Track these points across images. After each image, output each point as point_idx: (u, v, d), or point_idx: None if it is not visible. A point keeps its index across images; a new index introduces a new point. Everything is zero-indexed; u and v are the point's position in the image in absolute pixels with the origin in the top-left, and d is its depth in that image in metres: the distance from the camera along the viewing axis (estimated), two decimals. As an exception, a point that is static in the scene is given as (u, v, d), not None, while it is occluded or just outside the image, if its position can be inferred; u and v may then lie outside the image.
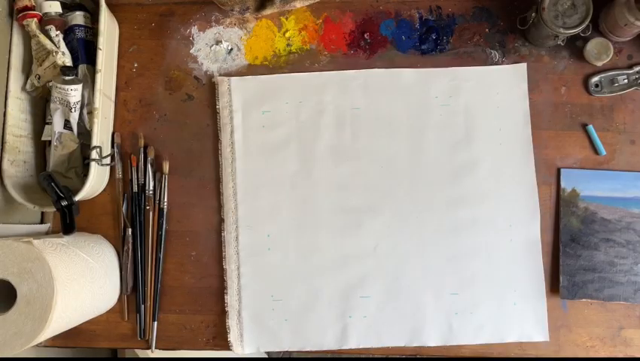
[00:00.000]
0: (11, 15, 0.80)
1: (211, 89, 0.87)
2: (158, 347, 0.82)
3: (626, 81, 0.83)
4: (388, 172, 0.83)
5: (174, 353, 0.91)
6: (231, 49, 0.87)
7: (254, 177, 0.83)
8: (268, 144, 0.84)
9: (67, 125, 0.82)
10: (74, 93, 0.78)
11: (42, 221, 0.85)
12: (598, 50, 0.82)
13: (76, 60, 0.82)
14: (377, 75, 0.85)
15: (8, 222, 0.79)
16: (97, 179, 0.80)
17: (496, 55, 0.85)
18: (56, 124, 0.81)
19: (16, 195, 0.77)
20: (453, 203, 0.82)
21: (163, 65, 0.87)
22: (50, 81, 0.80)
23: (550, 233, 0.82)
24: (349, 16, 0.88)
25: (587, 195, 0.81)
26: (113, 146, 0.85)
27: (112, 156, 0.84)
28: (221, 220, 0.83)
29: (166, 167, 0.84)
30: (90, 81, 0.81)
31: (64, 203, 0.74)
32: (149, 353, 0.84)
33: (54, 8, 0.81)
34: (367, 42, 0.87)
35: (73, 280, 0.69)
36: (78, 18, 0.83)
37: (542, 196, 0.82)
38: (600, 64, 0.83)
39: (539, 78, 0.84)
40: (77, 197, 0.76)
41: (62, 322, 0.68)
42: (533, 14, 0.79)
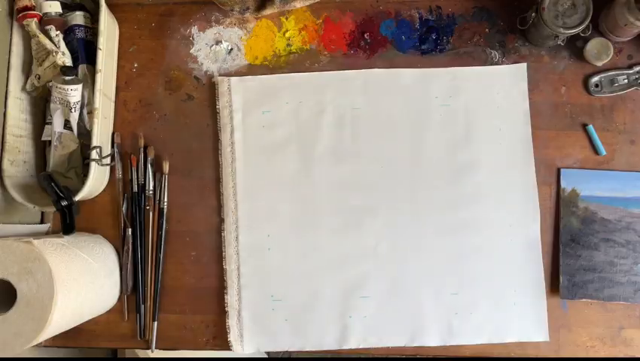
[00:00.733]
0: (11, 15, 0.80)
1: (211, 89, 0.87)
2: (158, 347, 0.82)
3: (626, 81, 0.83)
4: (388, 172, 0.83)
5: (174, 353, 0.91)
6: (231, 49, 0.87)
7: (254, 177, 0.83)
8: (268, 144, 0.84)
9: (67, 125, 0.82)
10: (74, 93, 0.78)
11: (42, 221, 0.85)
12: (598, 50, 0.82)
13: (76, 60, 0.82)
14: (377, 75, 0.85)
15: (8, 222, 0.79)
16: (97, 179, 0.80)
17: (496, 55, 0.85)
18: (56, 124, 0.81)
19: (16, 195, 0.77)
20: (453, 203, 0.82)
21: (163, 65, 0.87)
22: (50, 81, 0.80)
23: (550, 233, 0.82)
24: (349, 16, 0.88)
25: (587, 195, 0.81)
26: (113, 146, 0.85)
27: (112, 156, 0.84)
28: (221, 220, 0.83)
29: (166, 167, 0.84)
30: (90, 81, 0.81)
31: (64, 203, 0.74)
32: (149, 353, 0.84)
33: (54, 8, 0.81)
34: (367, 42, 0.86)
35: (73, 280, 0.69)
36: (78, 18, 0.83)
37: (542, 196, 0.82)
38: (600, 64, 0.83)
39: (539, 78, 0.84)
40: (77, 197, 0.76)
41: (62, 322, 0.68)
42: (533, 14, 0.79)
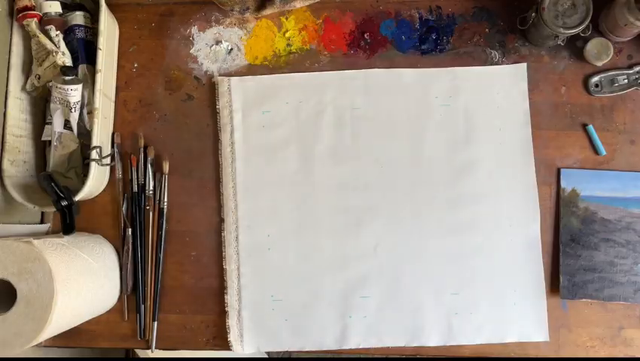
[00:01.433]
0: (11, 15, 0.80)
1: (211, 89, 0.87)
2: (158, 347, 0.82)
3: (626, 81, 0.83)
4: (388, 172, 0.83)
5: (174, 353, 0.91)
6: (231, 49, 0.87)
7: (254, 177, 0.83)
8: (268, 144, 0.84)
9: (67, 125, 0.82)
10: (74, 93, 0.78)
11: (42, 221, 0.85)
12: (598, 50, 0.82)
13: (76, 60, 0.82)
14: (377, 75, 0.85)
15: (8, 222, 0.79)
16: (97, 179, 0.80)
17: (496, 55, 0.85)
18: (56, 124, 0.81)
19: (16, 195, 0.77)
20: (453, 203, 0.82)
21: (163, 65, 0.87)
22: (50, 81, 0.80)
23: (550, 233, 0.82)
24: (349, 16, 0.88)
25: (587, 195, 0.81)
26: (113, 146, 0.85)
27: (112, 156, 0.84)
28: (221, 220, 0.83)
29: (166, 167, 0.84)
30: (90, 81, 0.81)
31: (64, 203, 0.74)
32: (149, 353, 0.84)
33: (54, 8, 0.81)
34: (367, 42, 0.86)
35: (73, 280, 0.69)
36: (78, 18, 0.83)
37: (542, 196, 0.82)
38: (600, 64, 0.83)
39: (539, 78, 0.84)
40: (77, 197, 0.76)
41: (62, 322, 0.68)
42: (533, 14, 0.79)
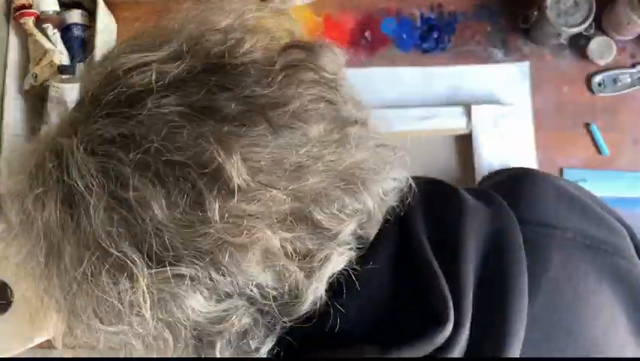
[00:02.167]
0: (8, 13, 0.80)
1: (210, 88, 0.86)
2: (157, 348, 0.82)
3: (629, 80, 0.82)
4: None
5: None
6: (230, 47, 0.87)
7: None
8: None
9: (65, 124, 0.81)
10: (71, 92, 0.78)
11: (40, 221, 0.85)
12: (601, 49, 0.82)
13: (73, 59, 0.82)
14: (378, 74, 0.84)
15: (6, 222, 0.79)
16: (95, 179, 0.79)
17: (498, 53, 0.84)
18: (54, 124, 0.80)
19: (13, 195, 0.77)
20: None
21: (162, 64, 0.87)
22: (48, 80, 0.80)
23: (552, 233, 0.81)
24: (350, 14, 0.87)
25: (590, 195, 0.81)
26: (111, 145, 0.84)
27: (110, 156, 0.83)
28: (221, 220, 0.83)
29: (165, 167, 0.83)
30: (88, 80, 0.81)
31: (62, 203, 0.74)
32: (148, 354, 0.84)
33: (51, 6, 0.80)
34: (368, 40, 0.86)
35: (71, 281, 0.69)
36: (76, 16, 0.83)
37: (544, 196, 0.81)
38: (603, 63, 0.82)
39: (541, 77, 0.84)
40: (75, 197, 0.75)
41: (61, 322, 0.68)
42: (535, 12, 0.79)
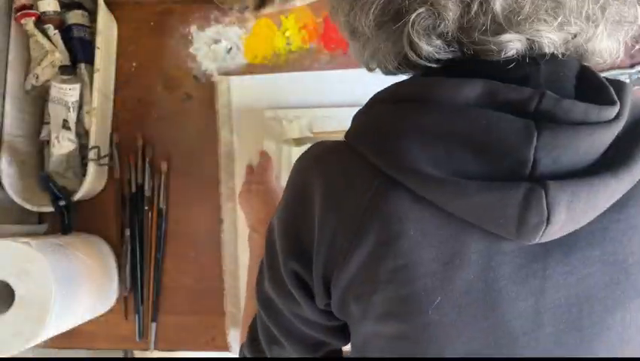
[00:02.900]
0: (9, 14, 0.80)
1: (210, 89, 0.86)
2: (157, 348, 0.82)
3: (628, 80, 0.82)
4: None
5: (173, 354, 0.90)
6: (230, 48, 0.87)
7: (254, 177, 0.83)
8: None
9: (65, 124, 0.81)
10: (72, 93, 0.78)
11: (40, 221, 0.85)
12: (599, 49, 0.82)
13: (74, 59, 0.82)
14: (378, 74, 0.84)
15: (6, 222, 0.79)
16: (95, 179, 0.79)
17: (497, 54, 0.85)
18: (54, 124, 0.80)
19: (14, 195, 0.77)
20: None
21: (162, 65, 0.87)
22: (48, 80, 0.80)
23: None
24: (349, 15, 0.87)
25: (589, 195, 0.81)
26: (111, 146, 0.84)
27: (110, 156, 0.83)
28: (220, 221, 0.83)
29: (165, 167, 0.83)
30: (89, 80, 0.81)
31: (62, 203, 0.74)
32: (148, 354, 0.84)
33: (52, 7, 0.80)
34: (367, 41, 0.86)
35: (71, 280, 0.69)
36: (76, 17, 0.83)
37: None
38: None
39: (540, 77, 0.84)
40: (75, 197, 0.76)
41: (61, 323, 0.68)
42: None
